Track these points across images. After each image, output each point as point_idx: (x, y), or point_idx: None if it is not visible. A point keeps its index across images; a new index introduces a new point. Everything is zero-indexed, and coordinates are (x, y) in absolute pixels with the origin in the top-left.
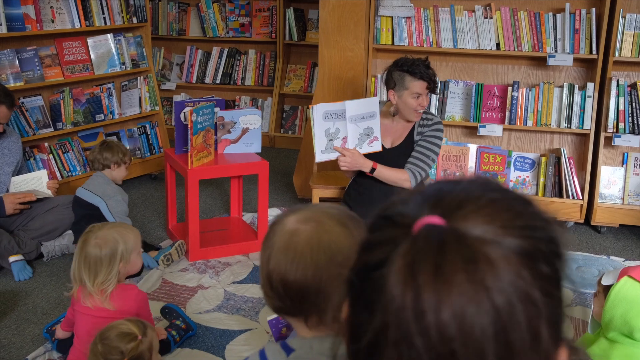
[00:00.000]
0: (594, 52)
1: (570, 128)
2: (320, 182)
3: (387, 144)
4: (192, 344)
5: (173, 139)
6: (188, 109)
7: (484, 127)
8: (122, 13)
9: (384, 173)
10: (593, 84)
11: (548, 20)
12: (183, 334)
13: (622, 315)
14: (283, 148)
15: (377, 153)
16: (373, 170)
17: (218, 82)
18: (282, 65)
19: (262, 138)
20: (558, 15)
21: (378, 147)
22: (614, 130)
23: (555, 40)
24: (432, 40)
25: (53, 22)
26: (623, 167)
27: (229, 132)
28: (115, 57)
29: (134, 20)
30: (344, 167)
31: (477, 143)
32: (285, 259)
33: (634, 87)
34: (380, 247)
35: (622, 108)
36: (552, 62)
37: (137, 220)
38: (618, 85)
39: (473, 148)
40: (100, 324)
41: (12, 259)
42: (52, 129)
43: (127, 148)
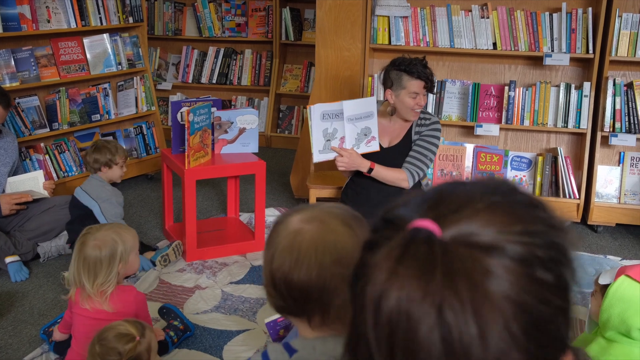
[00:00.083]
0: (591, 51)
1: (567, 127)
2: (318, 182)
3: (384, 144)
4: (189, 345)
5: (169, 139)
6: (185, 109)
7: (481, 126)
8: (118, 13)
9: (382, 173)
10: (589, 84)
11: (545, 20)
12: (181, 335)
13: (619, 315)
14: (279, 148)
15: (374, 153)
16: (371, 170)
17: (214, 82)
18: (278, 65)
19: (258, 138)
20: (555, 15)
21: (376, 147)
22: (611, 130)
23: (552, 40)
24: (428, 40)
25: (49, 22)
26: (619, 166)
27: (226, 132)
28: (112, 57)
29: (130, 20)
30: (342, 167)
31: (474, 143)
32: (290, 259)
33: (630, 86)
34: (377, 243)
35: (618, 107)
36: (548, 61)
37: (133, 221)
38: (614, 85)
39: (470, 148)
40: (98, 326)
41: (8, 260)
42: (48, 129)
43: (118, 147)
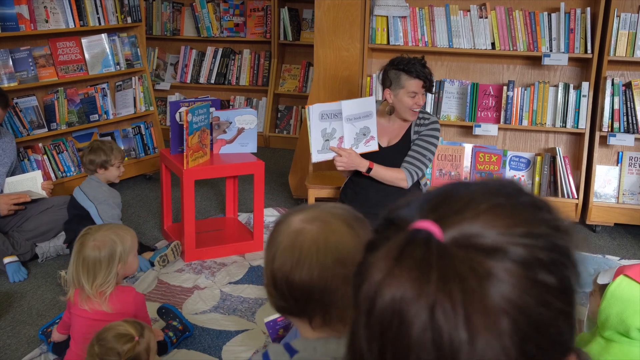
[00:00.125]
0: (589, 51)
1: (566, 127)
2: (316, 182)
3: (383, 143)
4: (188, 345)
5: (168, 139)
6: (184, 109)
7: (480, 126)
8: (116, 13)
9: (381, 172)
10: (588, 84)
11: (543, 20)
12: (180, 335)
13: (618, 314)
14: (278, 148)
15: (373, 152)
16: (369, 170)
17: (212, 82)
18: (276, 65)
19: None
20: (553, 15)
21: (374, 146)
22: (609, 130)
23: (550, 40)
24: (427, 40)
25: (47, 22)
26: (618, 166)
27: (225, 132)
28: (110, 57)
29: (129, 20)
30: (341, 167)
31: (472, 142)
32: (291, 259)
33: (629, 86)
34: (378, 247)
35: (616, 107)
36: (547, 61)
37: (132, 221)
38: (613, 85)
39: (468, 147)
40: (97, 327)
41: (6, 260)
42: (46, 130)
43: (113, 148)
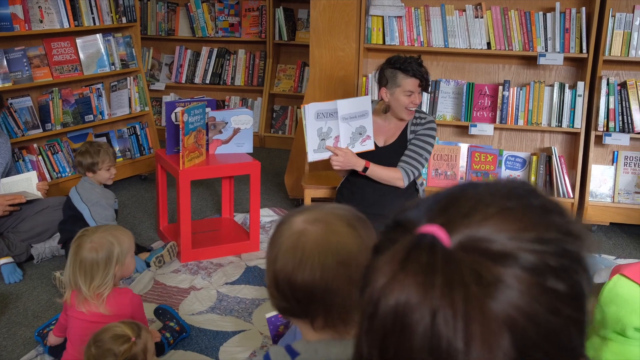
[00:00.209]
0: (584, 51)
1: (561, 127)
2: (312, 182)
3: (380, 143)
4: (185, 346)
5: (163, 140)
6: (179, 109)
7: (475, 126)
8: (111, 13)
9: (377, 172)
10: (583, 83)
11: (538, 20)
12: (177, 336)
13: (614, 313)
14: (273, 148)
15: (369, 152)
16: (366, 169)
17: (207, 82)
18: (271, 65)
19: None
20: (548, 15)
21: (371, 146)
22: (604, 129)
23: (546, 40)
24: (423, 40)
25: (41, 22)
26: (613, 165)
27: (221, 132)
28: (105, 57)
29: (123, 20)
30: (337, 166)
31: (468, 142)
32: (293, 260)
33: (624, 85)
34: (385, 246)
35: (612, 107)
36: (542, 61)
37: (127, 222)
38: (608, 84)
39: (464, 147)
40: (94, 329)
41: (1, 262)
42: (41, 130)
43: (101, 151)
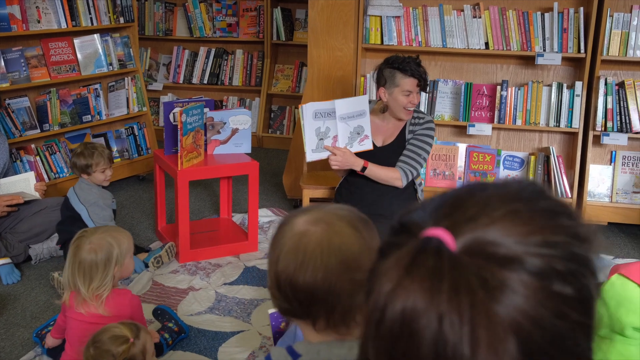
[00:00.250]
0: (582, 51)
1: (559, 127)
2: (311, 182)
3: (378, 143)
4: (184, 347)
5: (161, 140)
6: (178, 110)
7: (473, 126)
8: (109, 13)
9: (375, 172)
10: (581, 83)
11: (536, 20)
12: (175, 337)
13: (612, 313)
14: (271, 148)
15: (368, 152)
16: (364, 169)
17: (205, 82)
18: (269, 65)
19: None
20: (546, 15)
21: (369, 145)
22: (602, 129)
23: (544, 40)
24: (421, 40)
25: (39, 22)
26: (611, 165)
27: (219, 132)
28: (102, 57)
29: (121, 21)
30: (335, 166)
31: (466, 142)
32: (295, 261)
33: (622, 85)
34: (390, 249)
35: (610, 107)
36: (540, 61)
37: (125, 222)
38: (606, 84)
39: (462, 147)
40: (93, 330)
41: None
42: (38, 131)
43: (95, 153)
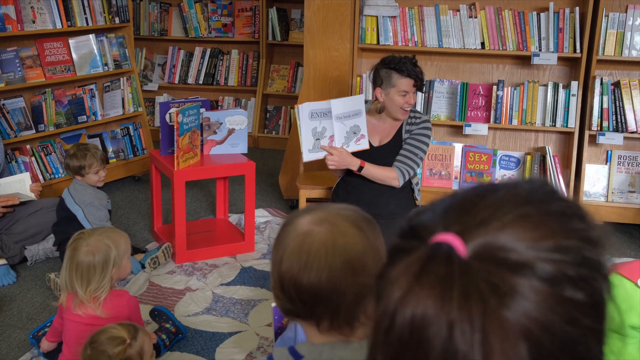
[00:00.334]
0: (578, 50)
1: (555, 126)
2: (307, 182)
3: (375, 142)
4: (181, 347)
5: (156, 140)
6: (174, 110)
7: (470, 126)
8: (104, 13)
9: (372, 171)
10: (577, 83)
11: (532, 20)
12: (173, 338)
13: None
14: (267, 148)
15: (365, 151)
16: (361, 169)
17: (201, 82)
18: (265, 66)
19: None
20: (542, 15)
21: (365, 145)
22: (598, 129)
23: (540, 39)
24: (417, 40)
25: (34, 22)
26: (607, 165)
27: (215, 133)
28: (98, 57)
29: (116, 21)
30: (332, 165)
31: (462, 142)
32: (299, 262)
33: (618, 85)
34: (399, 254)
35: (605, 106)
36: (536, 61)
37: (121, 223)
38: (602, 84)
39: (458, 147)
40: (90, 332)
41: None
42: (34, 131)
43: (88, 155)
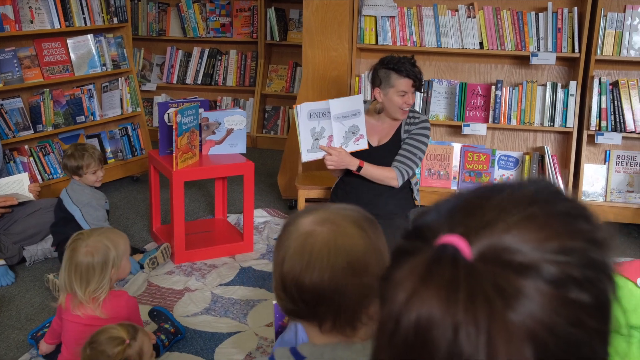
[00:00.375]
0: (576, 50)
1: (554, 126)
2: (306, 182)
3: (374, 143)
4: (180, 348)
5: (155, 140)
6: (173, 110)
7: (468, 126)
8: (102, 13)
9: (371, 171)
10: (575, 83)
11: (531, 20)
12: (172, 338)
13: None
14: (265, 148)
15: (364, 151)
16: (360, 169)
17: (199, 82)
18: (263, 66)
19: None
20: (540, 15)
21: (364, 144)
22: (597, 128)
23: (538, 39)
24: (415, 40)
25: (32, 22)
26: (605, 164)
27: (214, 133)
28: (96, 58)
29: (115, 21)
30: (331, 166)
31: (461, 142)
32: (301, 262)
33: (616, 85)
34: (404, 256)
35: (604, 106)
36: (535, 60)
37: (120, 223)
38: (600, 84)
39: (457, 147)
40: (90, 332)
41: None
42: (32, 131)
43: (86, 155)
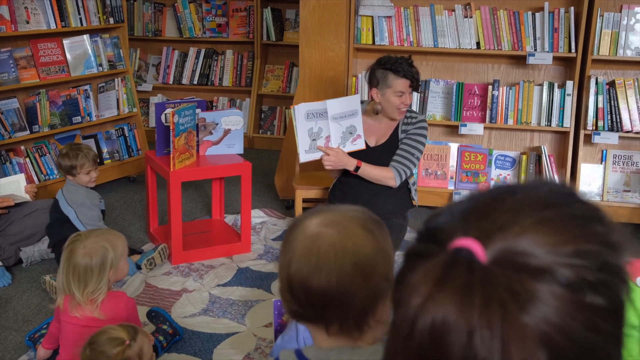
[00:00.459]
0: (573, 50)
1: (550, 126)
2: (304, 182)
3: (371, 143)
4: (179, 349)
5: (151, 141)
6: (170, 111)
7: (465, 125)
8: (98, 14)
9: (369, 171)
10: (572, 82)
11: (527, 19)
12: (170, 339)
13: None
14: (262, 149)
15: (361, 152)
16: (358, 169)
17: (195, 82)
18: (259, 66)
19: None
20: (537, 14)
21: (362, 145)
22: (593, 128)
23: (535, 39)
24: (412, 40)
25: (28, 23)
26: (602, 164)
27: (211, 133)
28: (92, 58)
29: (111, 21)
30: (329, 166)
31: (458, 142)
32: (308, 264)
33: (612, 85)
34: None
35: (600, 106)
36: (531, 60)
37: (117, 224)
38: (597, 84)
39: (454, 147)
40: (88, 333)
41: None
42: (28, 132)
43: (80, 155)
